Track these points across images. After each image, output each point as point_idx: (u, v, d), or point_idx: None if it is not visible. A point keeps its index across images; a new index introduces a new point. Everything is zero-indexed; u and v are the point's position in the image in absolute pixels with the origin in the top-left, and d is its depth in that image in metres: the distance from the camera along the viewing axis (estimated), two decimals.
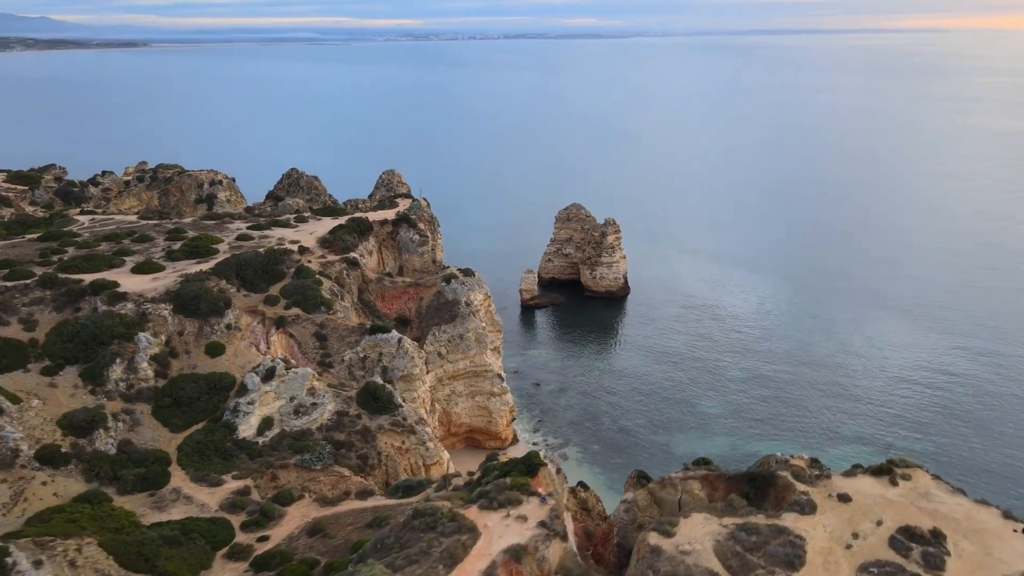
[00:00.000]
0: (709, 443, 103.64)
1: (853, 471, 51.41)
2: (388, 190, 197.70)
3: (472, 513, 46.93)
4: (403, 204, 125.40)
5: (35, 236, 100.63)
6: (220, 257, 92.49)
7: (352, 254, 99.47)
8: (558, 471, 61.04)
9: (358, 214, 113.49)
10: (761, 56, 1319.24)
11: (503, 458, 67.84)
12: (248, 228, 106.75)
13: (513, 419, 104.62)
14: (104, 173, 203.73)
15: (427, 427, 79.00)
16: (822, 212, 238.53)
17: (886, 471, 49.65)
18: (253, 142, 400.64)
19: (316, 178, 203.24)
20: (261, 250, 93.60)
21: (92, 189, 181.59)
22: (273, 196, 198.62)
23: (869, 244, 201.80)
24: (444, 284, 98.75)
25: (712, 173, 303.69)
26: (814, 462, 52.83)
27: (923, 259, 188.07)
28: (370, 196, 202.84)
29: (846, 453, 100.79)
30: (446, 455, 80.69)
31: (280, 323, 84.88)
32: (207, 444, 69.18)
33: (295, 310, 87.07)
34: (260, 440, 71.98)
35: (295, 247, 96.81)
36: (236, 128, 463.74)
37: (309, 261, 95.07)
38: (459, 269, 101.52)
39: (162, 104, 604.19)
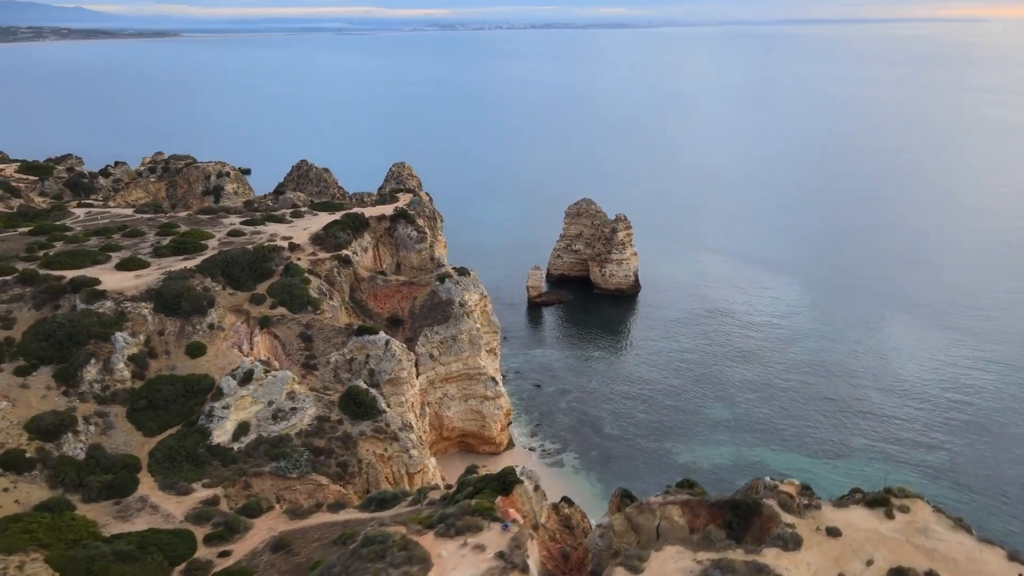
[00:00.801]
0: (712, 452, 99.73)
1: (845, 501, 47.40)
2: (398, 183, 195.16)
3: (427, 541, 43.88)
4: (403, 199, 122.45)
5: (27, 230, 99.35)
6: (208, 254, 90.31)
7: (344, 251, 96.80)
8: (536, 488, 57.84)
9: (355, 210, 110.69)
10: (792, 47, 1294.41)
11: (482, 471, 64.87)
12: (242, 223, 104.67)
13: (509, 423, 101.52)
14: (116, 164, 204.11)
15: (411, 434, 76.13)
16: (849, 210, 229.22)
17: (881, 502, 45.60)
18: (275, 133, 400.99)
19: (326, 170, 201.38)
20: (250, 247, 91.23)
21: (102, 180, 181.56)
22: (279, 189, 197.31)
23: (898, 244, 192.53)
24: (438, 283, 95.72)
25: (735, 168, 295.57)
26: (805, 489, 48.91)
27: (955, 262, 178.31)
28: (379, 189, 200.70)
29: (855, 466, 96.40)
30: (431, 463, 77.86)
31: (264, 323, 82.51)
32: (179, 450, 66.98)
33: (281, 309, 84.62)
34: (235, 446, 69.59)
35: (285, 244, 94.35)
36: (259, 119, 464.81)
37: (299, 259, 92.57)
38: (454, 268, 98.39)
39: (188, 94, 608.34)
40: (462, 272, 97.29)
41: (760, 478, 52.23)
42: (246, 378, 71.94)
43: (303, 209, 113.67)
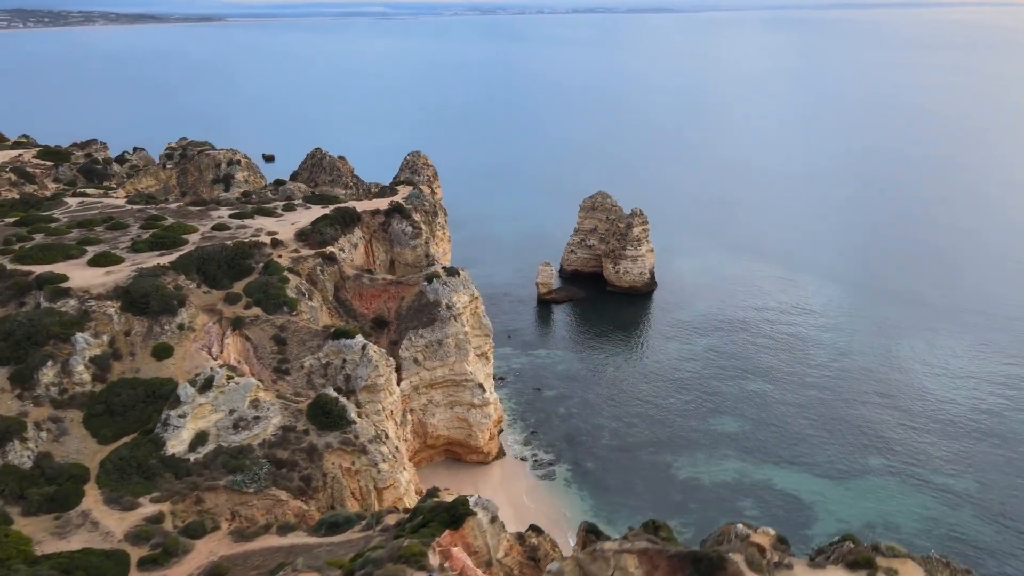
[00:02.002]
0: (715, 468, 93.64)
1: (824, 558, 41.57)
2: (412, 172, 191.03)
3: None
4: (403, 191, 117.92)
5: (12, 220, 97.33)
6: (187, 249, 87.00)
7: (330, 248, 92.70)
8: (493, 519, 53.05)
9: (348, 204, 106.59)
10: (841, 32, 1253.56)
11: (444, 495, 60.26)
12: (231, 216, 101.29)
13: (500, 431, 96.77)
14: (135, 150, 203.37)
15: (383, 446, 71.85)
16: (892, 208, 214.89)
17: (864, 563, 39.70)
18: (306, 119, 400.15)
19: (341, 158, 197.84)
20: (229, 243, 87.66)
21: (116, 167, 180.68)
22: (279, 180, 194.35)
23: (944, 251, 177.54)
24: (426, 284, 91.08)
25: (772, 162, 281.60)
26: (780, 542, 43.14)
27: (1001, 272, 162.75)
28: (394, 179, 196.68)
29: (869, 488, 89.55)
30: (404, 477, 73.52)
31: (237, 324, 78.89)
32: (129, 460, 63.69)
33: (255, 310, 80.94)
34: (192, 457, 66.05)
35: (268, 240, 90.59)
36: (292, 104, 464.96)
37: (280, 256, 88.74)
38: (443, 267, 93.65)
39: (227, 80, 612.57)
40: (451, 272, 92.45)
41: (733, 524, 46.65)
42: (206, 385, 68.25)
43: (296, 202, 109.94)
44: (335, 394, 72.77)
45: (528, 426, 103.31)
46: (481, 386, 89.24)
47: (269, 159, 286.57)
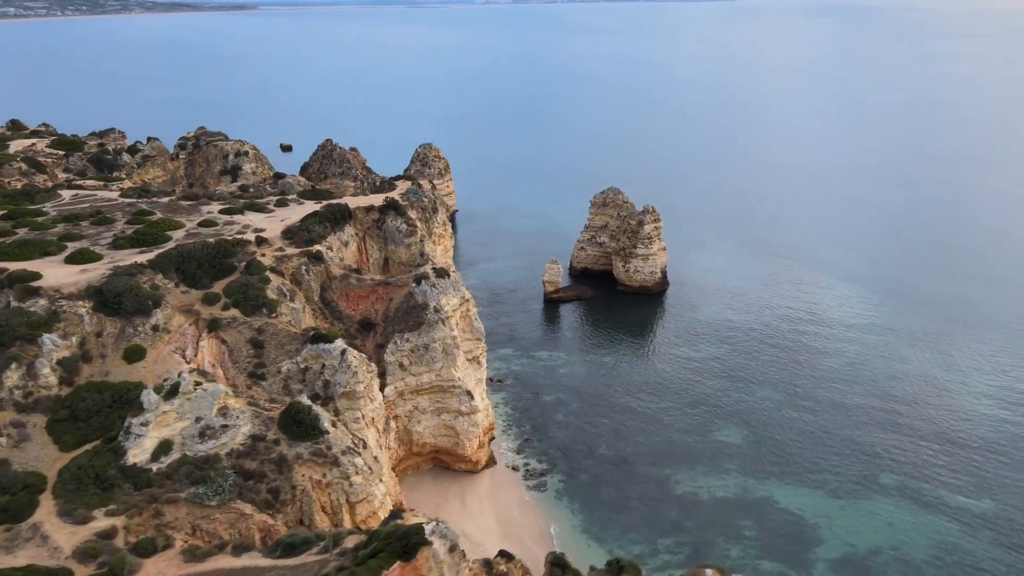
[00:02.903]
0: (716, 483, 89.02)
1: None
2: (423, 165, 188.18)
3: None
4: (401, 186, 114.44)
5: (0, 213, 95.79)
6: (169, 246, 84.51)
7: (316, 247, 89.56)
8: (452, 549, 49.48)
9: (343, 199, 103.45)
10: (884, 20, 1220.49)
11: (408, 517, 56.78)
12: (220, 212, 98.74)
13: (491, 439, 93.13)
14: (149, 139, 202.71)
15: (357, 458, 68.66)
16: (929, 210, 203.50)
17: None
18: (327, 108, 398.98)
19: (353, 150, 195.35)
20: (211, 240, 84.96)
21: (127, 157, 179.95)
22: (304, 168, 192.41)
23: (981, 253, 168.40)
24: (415, 285, 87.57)
25: (804, 156, 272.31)
26: None
27: None
28: (405, 171, 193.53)
29: (880, 509, 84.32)
30: (379, 490, 70.22)
31: (213, 326, 76.16)
32: (88, 469, 61.24)
33: (233, 311, 78.15)
34: (154, 467, 63.41)
35: (252, 237, 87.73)
36: (316, 93, 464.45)
37: (263, 254, 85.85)
38: (433, 268, 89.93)
39: (253, 68, 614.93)
40: (440, 273, 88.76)
41: (703, 568, 42.50)
42: (172, 391, 65.53)
43: (290, 198, 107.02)
44: (308, 402, 69.66)
45: (523, 433, 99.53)
46: (469, 393, 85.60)
47: (287, 149, 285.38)
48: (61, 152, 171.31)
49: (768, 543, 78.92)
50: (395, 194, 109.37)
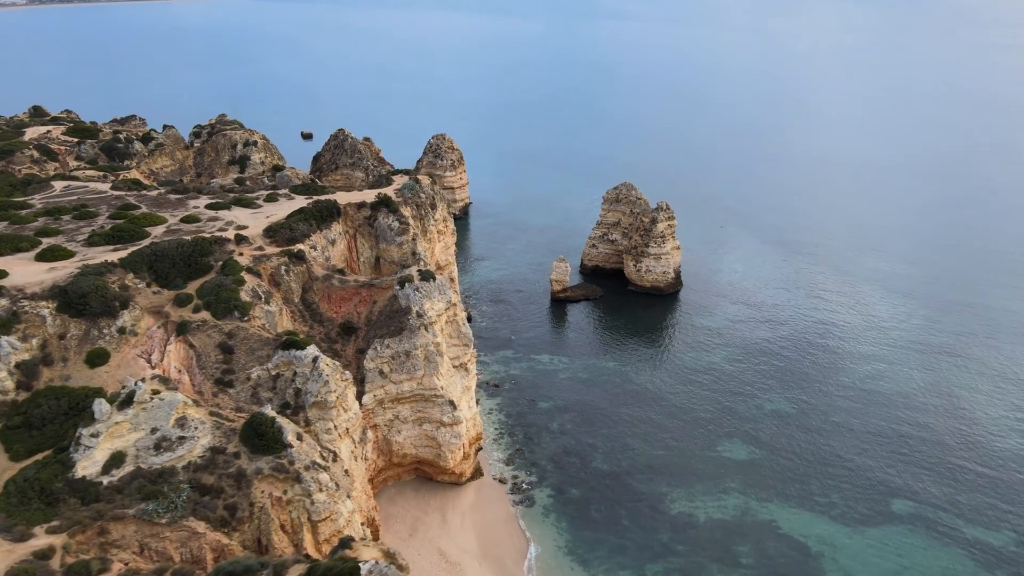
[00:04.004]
0: (715, 503, 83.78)
1: None
2: (436, 156, 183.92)
3: None
4: (398, 180, 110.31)
5: None
6: (145, 243, 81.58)
7: (299, 246, 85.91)
8: None
9: (333, 196, 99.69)
10: (934, 5, 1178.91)
11: (357, 549, 52.82)
12: (206, 207, 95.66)
13: (479, 449, 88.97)
14: (165, 127, 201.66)
15: (321, 474, 64.99)
16: (980, 210, 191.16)
17: None
18: (355, 96, 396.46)
19: (366, 140, 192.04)
20: (188, 238, 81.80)
21: (139, 145, 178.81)
22: (315, 159, 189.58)
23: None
24: (398, 288, 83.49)
25: (844, 149, 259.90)
26: None
27: None
28: (418, 162, 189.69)
29: (890, 538, 78.49)
30: (346, 508, 66.49)
31: (181, 329, 72.96)
32: (34, 482, 58.41)
33: (203, 314, 74.87)
34: (105, 480, 60.41)
35: (232, 236, 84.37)
36: (347, 81, 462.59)
37: (241, 254, 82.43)
38: (419, 270, 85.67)
39: (292, 55, 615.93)
40: (426, 276, 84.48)
41: None
42: (126, 400, 62.46)
43: (281, 192, 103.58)
44: (271, 414, 66.10)
45: (515, 442, 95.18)
46: (452, 403, 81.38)
47: (307, 137, 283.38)
48: (75, 140, 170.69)
49: (766, 572, 73.67)
50: (390, 190, 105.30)
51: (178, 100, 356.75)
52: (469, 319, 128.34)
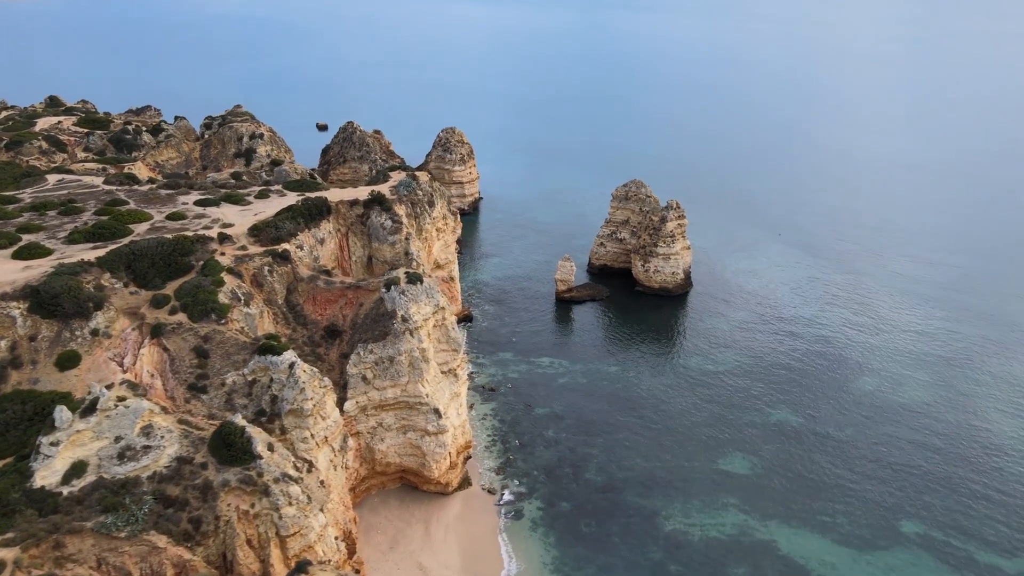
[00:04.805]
0: (711, 520, 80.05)
1: None
2: (445, 150, 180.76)
3: None
4: (395, 177, 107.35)
5: None
6: (126, 242, 79.51)
7: (284, 245, 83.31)
8: None
9: (323, 193, 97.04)
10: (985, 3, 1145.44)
11: (314, 573, 50.13)
12: (195, 203, 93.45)
13: (467, 458, 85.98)
14: (177, 118, 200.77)
15: (292, 486, 62.40)
16: (1016, 218, 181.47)
17: None
18: (374, 87, 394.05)
19: (376, 134, 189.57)
20: (169, 236, 79.56)
21: (147, 137, 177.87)
22: (324, 151, 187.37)
23: None
24: (384, 291, 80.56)
25: (880, 147, 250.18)
26: None
27: None
28: (427, 156, 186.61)
29: (897, 564, 74.30)
30: (318, 522, 63.88)
31: (156, 332, 70.73)
32: None
33: (179, 316, 72.57)
34: (65, 491, 58.34)
35: (215, 234, 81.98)
36: (366, 72, 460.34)
37: (223, 253, 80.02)
38: (406, 273, 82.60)
39: (312, 46, 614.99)
40: (413, 279, 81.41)
41: None
42: (89, 408, 60.30)
43: (273, 189, 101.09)
44: (241, 423, 63.62)
45: (507, 450, 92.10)
46: (437, 411, 78.40)
47: (323, 128, 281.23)
48: (84, 131, 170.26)
49: None
50: (385, 187, 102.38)
51: (198, 90, 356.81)
52: (470, 319, 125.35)
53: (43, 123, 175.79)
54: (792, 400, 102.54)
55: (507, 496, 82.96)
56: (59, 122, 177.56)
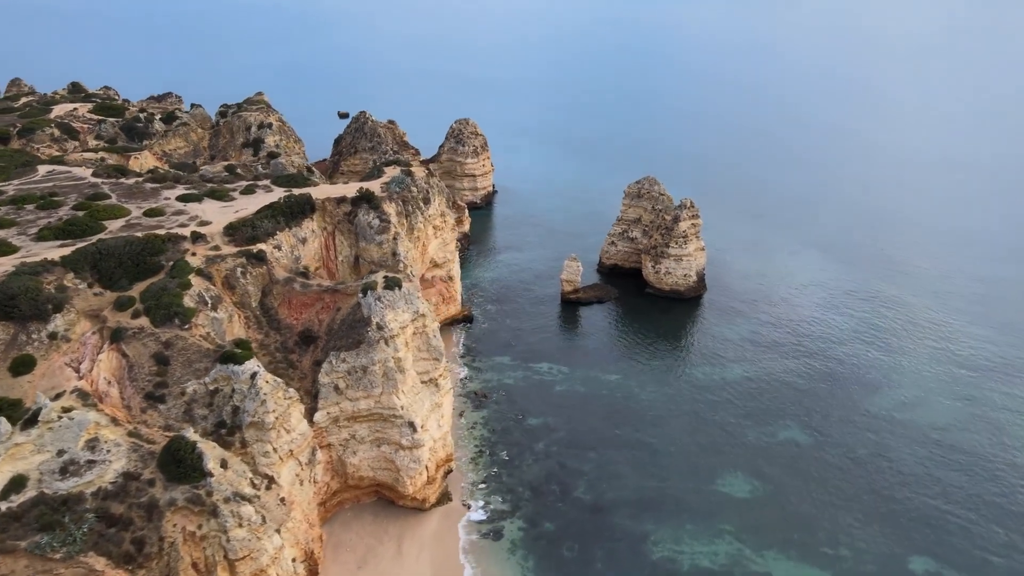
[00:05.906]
0: (704, 548, 74.80)
1: None
2: (457, 142, 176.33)
3: None
4: (389, 172, 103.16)
5: None
6: (95, 240, 76.62)
7: (260, 245, 79.72)
8: None
9: (308, 189, 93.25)
10: None
11: None
12: (177, 199, 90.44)
13: (448, 471, 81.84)
14: (193, 106, 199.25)
15: (244, 506, 58.91)
16: None
17: None
18: (401, 75, 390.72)
19: (390, 124, 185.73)
20: (138, 235, 76.45)
21: (159, 125, 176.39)
22: (336, 142, 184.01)
23: None
24: (361, 295, 76.52)
25: (923, 145, 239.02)
26: None
27: None
28: (440, 148, 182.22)
29: None
30: (273, 544, 60.35)
31: (116, 336, 67.63)
32: None
33: (142, 320, 69.37)
34: (3, 506, 55.55)
35: (188, 233, 78.69)
36: (397, 59, 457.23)
37: (194, 253, 76.68)
38: (385, 276, 78.38)
39: (341, 32, 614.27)
40: (391, 284, 77.17)
41: None
42: (31, 420, 57.41)
43: (260, 184, 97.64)
44: (193, 437, 60.25)
45: (493, 463, 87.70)
46: (412, 424, 74.30)
47: (344, 116, 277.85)
48: (98, 118, 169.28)
49: None
50: (376, 183, 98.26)
51: (223, 79, 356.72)
52: (470, 319, 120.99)
53: (59, 110, 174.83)
54: (802, 417, 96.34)
55: (477, 515, 78.47)
56: (74, 109, 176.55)
